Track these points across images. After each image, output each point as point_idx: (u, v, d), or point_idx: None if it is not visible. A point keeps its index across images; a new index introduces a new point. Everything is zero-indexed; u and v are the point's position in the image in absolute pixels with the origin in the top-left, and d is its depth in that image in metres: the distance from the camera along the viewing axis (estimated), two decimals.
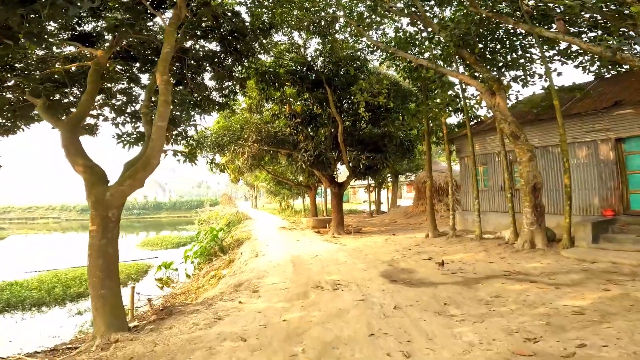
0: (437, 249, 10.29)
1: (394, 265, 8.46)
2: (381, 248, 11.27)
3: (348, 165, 15.35)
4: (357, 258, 9.69)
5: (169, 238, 26.86)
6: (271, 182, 29.24)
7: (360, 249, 11.32)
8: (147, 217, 62.17)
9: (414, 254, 9.90)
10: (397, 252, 10.29)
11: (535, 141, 9.69)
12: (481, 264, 7.90)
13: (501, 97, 8.77)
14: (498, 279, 6.63)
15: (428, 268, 7.94)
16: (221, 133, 15.98)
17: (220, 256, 14.75)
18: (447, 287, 6.31)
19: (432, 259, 8.91)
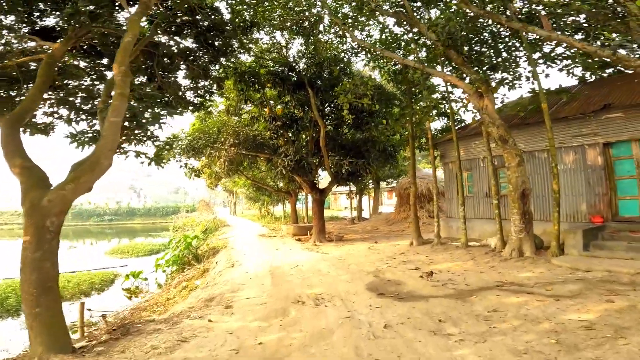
0: (423, 258, 9.81)
1: (379, 277, 7.88)
2: (365, 257, 10.70)
3: (330, 171, 14.80)
4: (340, 268, 9.06)
5: (141, 245, 25.32)
6: (250, 188, 28.30)
7: (343, 258, 10.70)
8: (119, 224, 59.23)
9: (399, 263, 9.38)
10: (381, 262, 9.74)
11: (521, 146, 9.45)
12: (471, 274, 7.45)
13: (489, 99, 8.47)
14: (492, 290, 6.17)
15: (416, 279, 7.40)
16: (196, 136, 15.09)
17: (194, 265, 13.76)
18: (440, 300, 5.78)
19: (419, 269, 8.41)
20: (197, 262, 14.27)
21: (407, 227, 18.51)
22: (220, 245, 15.96)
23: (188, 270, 13.80)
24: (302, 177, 14.93)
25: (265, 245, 14.82)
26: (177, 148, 14.98)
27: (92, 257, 23.37)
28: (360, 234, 18.20)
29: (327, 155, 14.47)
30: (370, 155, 14.56)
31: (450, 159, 12.41)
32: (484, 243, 10.46)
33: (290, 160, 13.88)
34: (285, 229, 18.38)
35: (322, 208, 16.34)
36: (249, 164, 18.07)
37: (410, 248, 11.75)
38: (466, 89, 8.83)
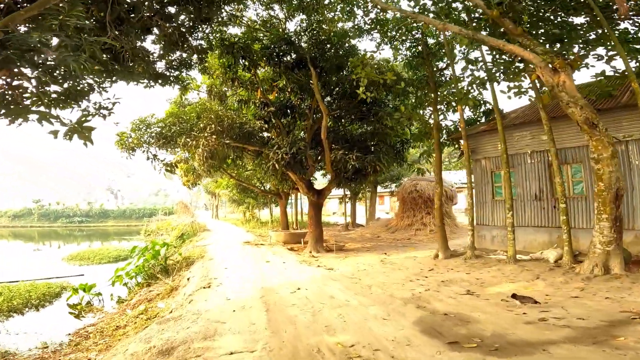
0: (464, 276, 7.34)
1: (426, 308, 5.33)
2: (384, 275, 8.13)
3: (331, 168, 12.22)
4: (360, 294, 6.44)
5: (105, 251, 21.79)
6: (234, 190, 25.33)
7: (355, 276, 8.09)
8: (90, 226, 54.40)
9: (438, 284, 6.86)
10: (411, 282, 7.20)
11: None
12: (567, 302, 5.02)
13: (567, 74, 6.20)
14: (630, 325, 3.77)
15: (488, 311, 4.92)
16: (170, 122, 12.21)
17: (162, 280, 10.78)
18: (569, 351, 3.27)
19: (474, 293, 5.94)
20: (166, 275, 11.31)
21: (414, 235, 16.13)
22: (197, 254, 13.02)
23: (154, 285, 10.84)
24: (298, 175, 12.27)
25: (252, 255, 12.00)
26: (145, 136, 12.04)
27: (46, 263, 19.77)
28: (360, 242, 15.64)
29: (328, 148, 11.90)
30: (381, 149, 12.10)
31: (483, 154, 10.11)
32: (537, 256, 8.10)
33: (285, 153, 11.22)
34: (275, 235, 15.62)
35: (320, 213, 13.72)
36: (234, 159, 15.27)
37: (437, 262, 9.26)
38: (536, 61, 6.51)
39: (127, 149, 11.99)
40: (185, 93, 10.99)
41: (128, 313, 8.56)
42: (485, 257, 8.97)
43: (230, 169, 18.77)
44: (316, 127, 13.07)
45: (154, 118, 12.37)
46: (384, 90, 12.54)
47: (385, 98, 13.74)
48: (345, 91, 12.74)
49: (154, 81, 9.59)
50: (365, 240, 16.43)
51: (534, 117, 8.62)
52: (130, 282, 12.04)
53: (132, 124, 11.95)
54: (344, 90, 12.76)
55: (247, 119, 13.18)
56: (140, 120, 12.15)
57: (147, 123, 12.05)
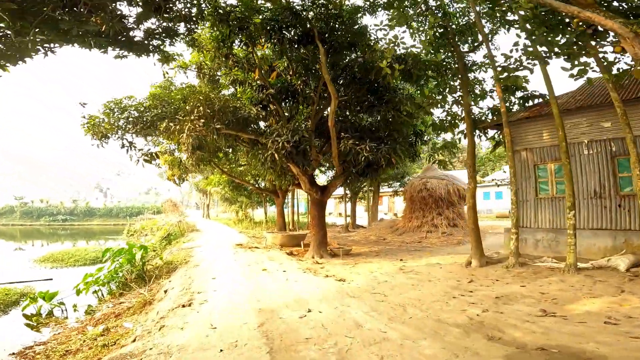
0: (522, 290, 5.67)
1: (503, 339, 3.64)
2: (413, 288, 6.40)
3: (337, 161, 10.48)
4: (395, 319, 4.70)
5: (82, 252, 19.61)
6: (226, 187, 23.39)
7: (377, 291, 6.36)
8: (75, 224, 51.60)
9: (493, 302, 5.18)
10: (455, 299, 5.50)
11: None
12: None
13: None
14: None
15: (604, 341, 3.26)
16: (151, 104, 10.33)
17: (136, 290, 8.86)
18: None
19: (555, 314, 4.30)
20: (143, 283, 9.41)
21: (425, 238, 14.46)
22: (181, 258, 11.11)
23: (127, 295, 8.94)
24: (300, 168, 10.47)
25: (246, 261, 10.16)
26: (120, 120, 10.13)
27: (13, 265, 17.58)
28: (366, 245, 13.91)
29: (335, 137, 10.16)
30: (396, 140, 10.42)
31: (523, 145, 8.48)
32: (602, 264, 6.46)
33: (287, 142, 9.42)
34: (271, 237, 13.78)
35: (324, 212, 11.95)
36: (226, 151, 13.44)
37: (472, 271, 7.57)
38: (622, 32, 4.91)
39: (98, 136, 10.05)
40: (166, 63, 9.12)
41: (88, 331, 6.72)
42: (531, 265, 7.32)
43: (222, 163, 16.89)
44: (321, 114, 11.34)
45: (132, 100, 10.44)
46: (401, 75, 10.93)
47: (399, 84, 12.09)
48: (355, 75, 11.05)
49: (127, 50, 7.74)
50: (371, 243, 14.70)
51: (593, 101, 7.04)
52: (103, 290, 10.13)
53: (105, 107, 10.02)
54: (352, 75, 11.08)
55: (242, 103, 11.36)
56: (115, 102, 10.22)
57: (122, 106, 10.12)
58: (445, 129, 10.00)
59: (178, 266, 10.17)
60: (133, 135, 10.27)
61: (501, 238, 14.62)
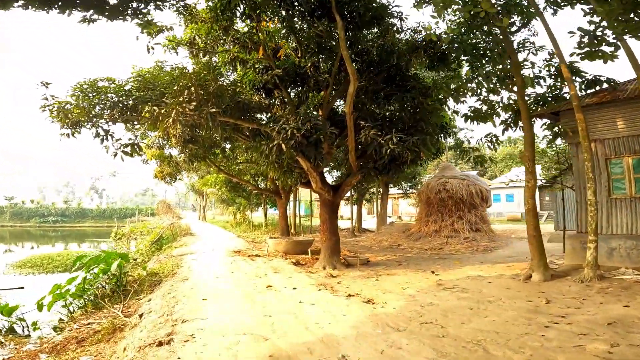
0: (634, 313, 3.93)
1: None
2: (475, 314, 4.66)
3: (354, 155, 8.76)
4: None
5: (65, 256, 17.64)
6: (223, 188, 21.54)
7: (425, 318, 4.63)
8: (66, 226, 49.26)
9: (608, 330, 3.48)
10: (548, 329, 3.79)
11: None
12: None
13: None
14: None
15: None
16: (133, 87, 8.52)
17: (109, 308, 7.03)
18: None
19: None
20: (120, 299, 7.57)
21: (446, 244, 12.73)
22: (168, 269, 9.26)
23: (99, 314, 7.13)
24: (311, 162, 8.71)
25: (245, 274, 8.36)
26: (96, 107, 8.30)
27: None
28: (380, 252, 12.15)
29: (353, 126, 8.44)
30: (425, 131, 8.73)
31: (593, 135, 6.76)
32: None
33: (297, 129, 7.66)
34: (273, 243, 11.98)
35: (336, 216, 10.22)
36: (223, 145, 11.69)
37: (538, 287, 5.85)
38: None
39: (68, 124, 8.22)
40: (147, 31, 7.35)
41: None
42: (612, 278, 5.66)
43: (219, 161, 15.08)
44: (335, 100, 9.63)
45: (110, 83, 8.57)
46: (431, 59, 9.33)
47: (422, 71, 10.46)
48: (372, 59, 9.40)
49: (97, 11, 6.00)
50: (385, 249, 12.95)
51: None
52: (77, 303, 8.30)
53: (75, 89, 8.17)
54: (370, 59, 9.43)
55: (242, 87, 9.61)
56: (90, 84, 8.37)
57: (98, 89, 8.28)
58: (483, 118, 8.32)
59: (163, 279, 8.34)
60: (110, 123, 8.44)
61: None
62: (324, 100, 9.40)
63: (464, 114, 9.19)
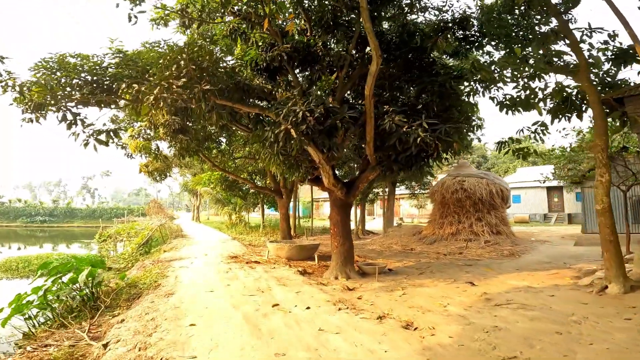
0: None
1: None
2: (570, 342, 3.27)
3: (372, 147, 7.37)
4: None
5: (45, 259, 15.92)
6: (218, 186, 19.97)
7: (502, 352, 3.22)
8: (54, 226, 47.03)
9: None
10: None
11: None
12: None
13: None
14: None
15: None
16: (110, 64, 6.99)
17: (73, 327, 5.50)
18: None
19: None
20: (88, 315, 6.04)
21: (465, 248, 11.39)
22: (152, 279, 7.74)
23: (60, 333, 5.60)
24: (324, 154, 7.30)
25: (245, 287, 6.88)
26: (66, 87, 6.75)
27: None
28: (394, 257, 10.75)
29: (372, 111, 7.04)
30: (457, 119, 7.40)
31: None
32: None
33: (309, 112, 6.24)
34: (274, 248, 10.52)
35: (349, 217, 8.80)
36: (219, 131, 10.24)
37: (622, 300, 4.48)
38: None
39: (30, 107, 6.66)
40: None
41: None
42: None
43: (214, 156, 13.58)
44: (352, 83, 8.23)
45: (83, 60, 6.98)
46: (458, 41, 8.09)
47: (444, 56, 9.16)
48: (392, 41, 8.10)
49: None
50: (398, 254, 11.56)
51: None
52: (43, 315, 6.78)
53: (38, 66, 6.61)
54: (389, 40, 8.14)
55: (241, 67, 8.16)
56: (58, 60, 6.79)
57: (67, 65, 6.73)
58: (526, 106, 7.02)
59: (144, 292, 6.83)
60: (80, 106, 6.90)
61: (558, 248, 11.73)
62: (338, 84, 7.99)
63: (499, 102, 7.87)
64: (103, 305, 6.23)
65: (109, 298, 6.66)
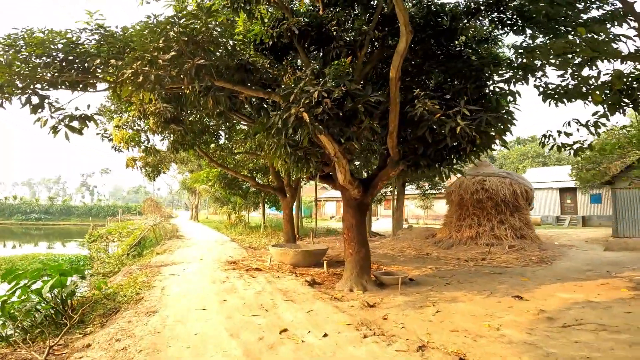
0: None
1: None
2: None
3: (395, 138, 6.25)
4: None
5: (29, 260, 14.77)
6: (217, 184, 18.81)
7: None
8: (49, 224, 45.74)
9: None
10: None
11: None
12: None
13: None
14: None
15: None
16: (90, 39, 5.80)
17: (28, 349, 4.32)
18: None
19: None
20: (54, 330, 4.88)
21: (488, 254, 10.25)
22: (136, 287, 6.56)
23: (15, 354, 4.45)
24: (341, 145, 6.14)
25: (245, 304, 5.72)
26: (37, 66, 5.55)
27: None
28: (411, 264, 9.59)
29: (397, 96, 5.91)
30: (497, 107, 6.27)
31: None
32: None
33: (326, 92, 5.10)
34: (277, 253, 9.35)
35: (365, 220, 7.64)
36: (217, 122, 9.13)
37: None
38: None
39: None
40: None
41: None
42: None
43: (211, 151, 12.41)
44: (372, 64, 7.09)
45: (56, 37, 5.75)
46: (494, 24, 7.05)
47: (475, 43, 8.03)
48: (418, 22, 7.00)
49: None
50: (414, 260, 10.41)
51: None
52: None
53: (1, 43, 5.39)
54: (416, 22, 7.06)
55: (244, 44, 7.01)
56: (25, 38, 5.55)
57: (34, 41, 5.51)
58: (578, 95, 5.95)
59: (123, 306, 5.66)
60: (49, 87, 5.71)
61: (589, 254, 10.60)
62: (357, 65, 6.84)
63: (543, 92, 6.75)
64: (68, 323, 5.05)
65: (78, 311, 5.48)
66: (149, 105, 8.14)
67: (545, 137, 6.62)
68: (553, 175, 24.46)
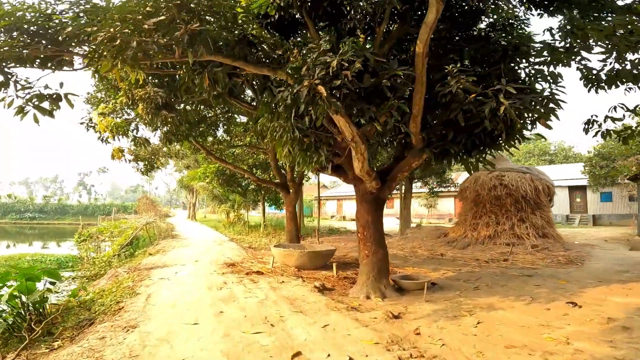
0: None
1: None
2: None
3: (418, 123, 5.36)
4: None
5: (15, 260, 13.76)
6: (215, 181, 17.85)
7: None
8: (44, 223, 44.54)
9: None
10: None
11: None
12: None
13: None
14: None
15: None
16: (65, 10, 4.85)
17: None
18: None
19: None
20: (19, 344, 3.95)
21: (510, 254, 9.38)
22: (114, 298, 5.62)
23: None
24: (360, 128, 5.23)
25: (246, 316, 4.80)
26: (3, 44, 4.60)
27: None
28: (426, 266, 8.71)
29: (424, 74, 5.02)
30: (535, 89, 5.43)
31: None
32: None
33: (348, 62, 4.19)
34: (280, 255, 8.44)
35: (382, 217, 6.74)
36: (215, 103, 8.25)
37: None
38: None
39: None
40: None
41: None
42: None
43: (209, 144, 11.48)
44: (390, 44, 6.19)
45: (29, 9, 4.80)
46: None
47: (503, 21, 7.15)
48: None
49: None
50: (427, 261, 9.53)
51: None
52: None
53: None
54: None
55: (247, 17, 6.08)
56: None
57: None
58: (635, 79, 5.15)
59: (98, 317, 4.73)
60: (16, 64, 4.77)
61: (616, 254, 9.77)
62: (376, 40, 5.93)
63: (585, 77, 5.90)
64: (27, 337, 4.12)
65: (43, 323, 4.54)
66: (138, 90, 7.23)
67: (589, 122, 5.76)
68: (561, 173, 23.67)
